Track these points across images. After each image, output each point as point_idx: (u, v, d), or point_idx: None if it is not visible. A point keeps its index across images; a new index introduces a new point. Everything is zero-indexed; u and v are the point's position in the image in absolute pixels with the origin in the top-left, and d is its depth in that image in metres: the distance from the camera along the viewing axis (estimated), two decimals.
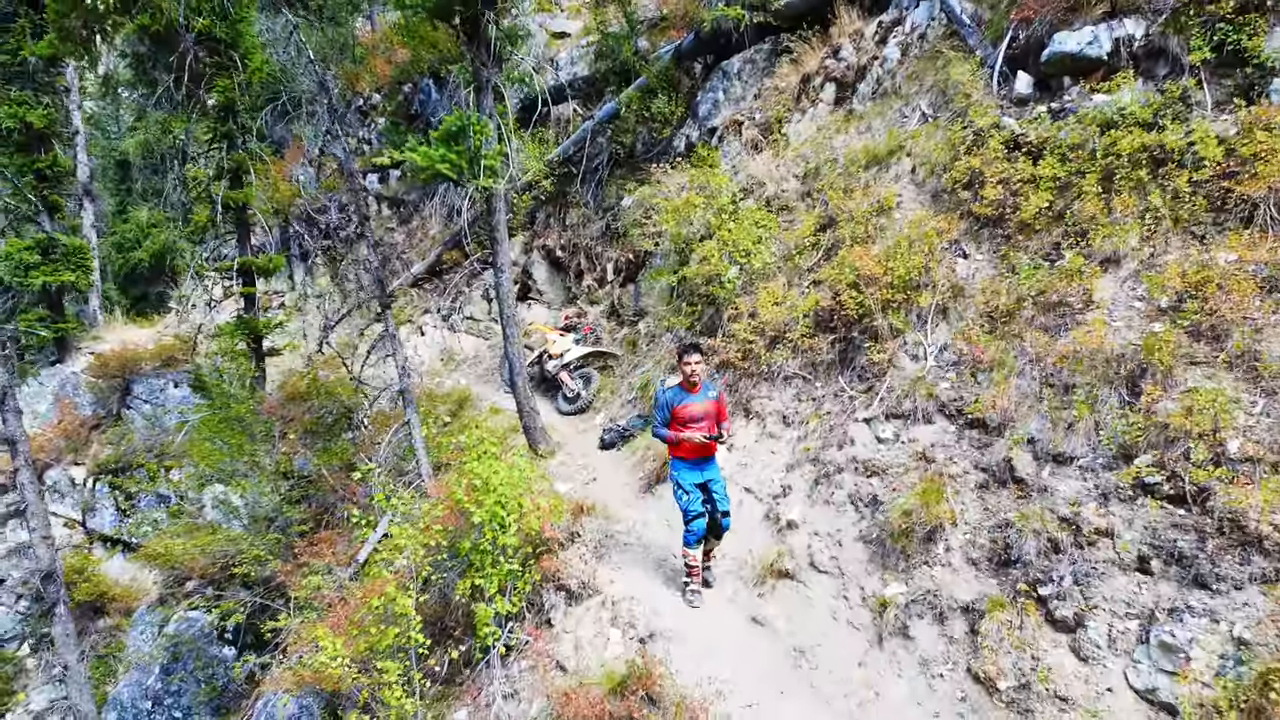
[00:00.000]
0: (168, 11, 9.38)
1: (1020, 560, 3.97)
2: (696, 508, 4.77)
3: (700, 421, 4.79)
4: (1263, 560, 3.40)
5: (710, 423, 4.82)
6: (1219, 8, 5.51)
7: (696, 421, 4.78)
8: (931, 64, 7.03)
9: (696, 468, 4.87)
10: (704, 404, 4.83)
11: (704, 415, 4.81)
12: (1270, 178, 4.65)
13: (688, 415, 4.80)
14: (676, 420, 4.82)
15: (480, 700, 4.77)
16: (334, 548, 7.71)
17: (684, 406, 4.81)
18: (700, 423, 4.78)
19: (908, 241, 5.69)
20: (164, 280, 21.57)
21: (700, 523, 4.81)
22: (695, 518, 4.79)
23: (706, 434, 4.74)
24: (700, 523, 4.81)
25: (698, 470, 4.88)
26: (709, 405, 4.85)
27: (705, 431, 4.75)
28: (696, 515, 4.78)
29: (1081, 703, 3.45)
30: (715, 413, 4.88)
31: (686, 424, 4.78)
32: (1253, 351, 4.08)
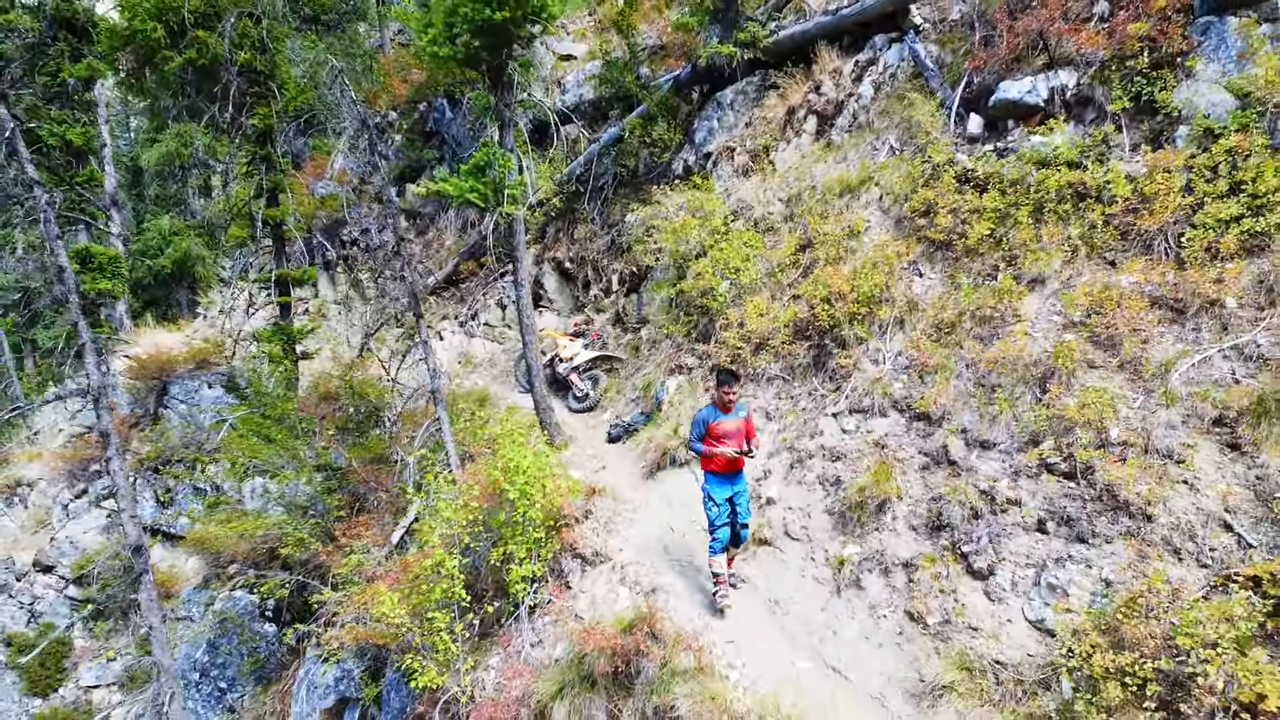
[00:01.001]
0: (213, 47, 10.39)
1: (949, 525, 4.96)
2: (722, 519, 5.31)
3: (731, 438, 5.30)
4: (1128, 520, 4.39)
5: (740, 439, 5.33)
6: (1137, 63, 6.51)
7: (729, 438, 5.29)
8: (900, 102, 8.03)
9: (726, 481, 5.38)
10: (736, 422, 5.35)
11: (735, 432, 5.32)
12: (1165, 214, 5.65)
13: (721, 432, 5.30)
14: (711, 436, 5.31)
15: (511, 648, 5.76)
16: (370, 530, 8.69)
17: (718, 424, 5.31)
18: (731, 439, 5.30)
19: (872, 262, 6.69)
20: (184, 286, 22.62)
21: (724, 532, 5.34)
22: (719, 528, 5.32)
23: (737, 449, 5.26)
24: (724, 532, 5.34)
25: (727, 484, 5.38)
26: (740, 424, 5.37)
27: (736, 446, 5.28)
28: (721, 526, 5.32)
29: (988, 631, 4.44)
30: (745, 431, 5.39)
31: (720, 440, 5.29)
32: (1139, 357, 5.07)
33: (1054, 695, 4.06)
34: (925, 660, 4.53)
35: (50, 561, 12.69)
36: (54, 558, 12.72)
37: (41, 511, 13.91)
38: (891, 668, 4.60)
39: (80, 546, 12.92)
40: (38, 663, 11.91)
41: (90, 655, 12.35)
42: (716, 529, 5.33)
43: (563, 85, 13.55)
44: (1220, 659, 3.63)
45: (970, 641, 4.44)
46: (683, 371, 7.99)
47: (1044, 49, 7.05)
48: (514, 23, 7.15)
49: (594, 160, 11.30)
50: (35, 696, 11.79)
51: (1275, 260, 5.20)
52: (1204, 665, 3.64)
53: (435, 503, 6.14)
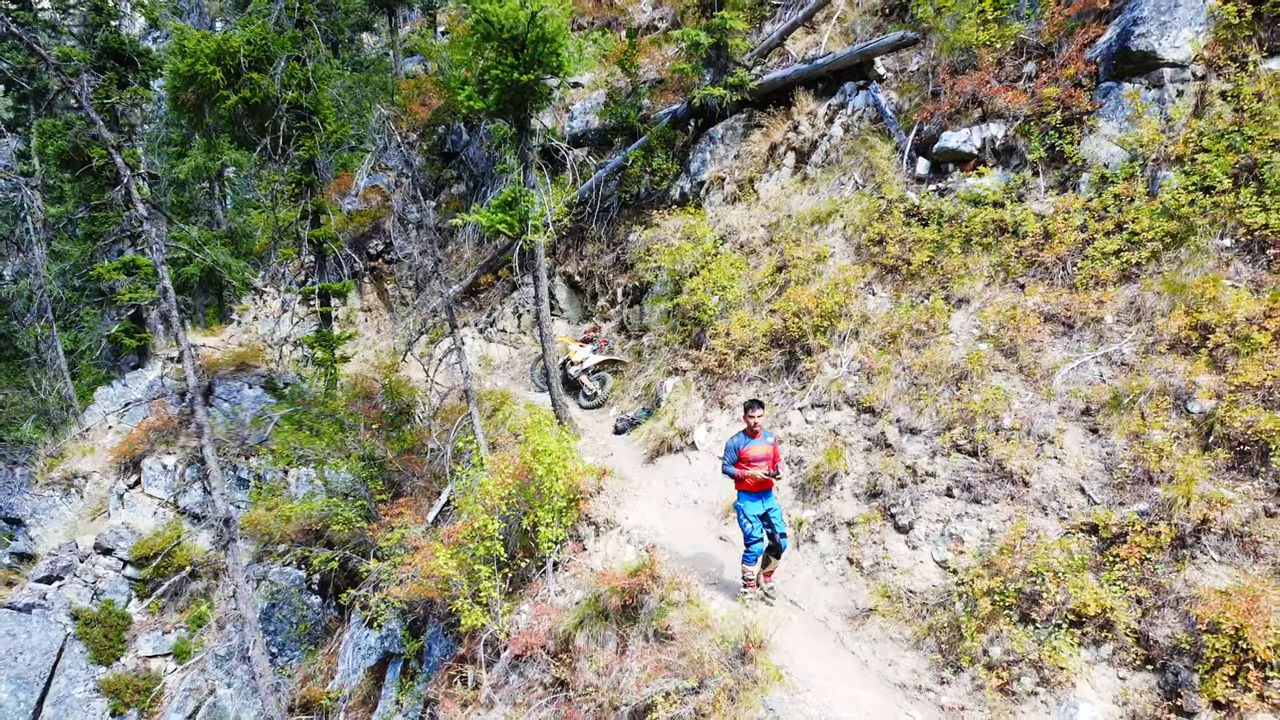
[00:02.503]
0: (265, 87, 11.87)
1: (882, 492, 6.42)
2: (756, 534, 5.90)
3: (761, 461, 5.86)
4: (1011, 486, 5.85)
5: (769, 462, 5.88)
6: (1052, 119, 7.99)
7: (759, 461, 5.85)
8: (863, 144, 9.50)
9: (758, 499, 5.95)
10: (764, 447, 5.93)
11: (764, 457, 5.88)
12: (1062, 247, 7.12)
13: (751, 456, 5.86)
14: (742, 460, 5.88)
15: (539, 596, 7.22)
16: (409, 511, 10.15)
17: (748, 449, 5.89)
18: (761, 462, 5.85)
19: (834, 283, 8.16)
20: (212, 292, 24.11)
21: (759, 546, 5.92)
22: (754, 542, 5.90)
23: (767, 471, 5.82)
24: (759, 546, 5.92)
25: (759, 501, 5.95)
26: (768, 448, 5.94)
27: (766, 469, 5.84)
28: (756, 540, 5.90)
29: (905, 569, 5.90)
30: (773, 455, 5.95)
31: (750, 463, 5.84)
32: (1033, 363, 6.54)
33: (948, 611, 5.52)
34: (859, 593, 5.99)
35: (109, 545, 14.13)
36: (113, 541, 14.17)
37: (96, 501, 15.37)
38: (834, 599, 6.06)
39: (136, 532, 14.38)
40: (101, 634, 13.37)
41: (147, 629, 13.82)
42: (752, 542, 5.93)
43: (570, 112, 15.01)
44: (1060, 581, 5.10)
45: (893, 578, 5.91)
46: (679, 374, 9.45)
47: (979, 105, 8.52)
48: (535, 81, 8.62)
49: (600, 185, 12.77)
50: (100, 665, 13.24)
51: (1144, 286, 6.67)
52: (1049, 586, 5.11)
53: (477, 480, 7.58)
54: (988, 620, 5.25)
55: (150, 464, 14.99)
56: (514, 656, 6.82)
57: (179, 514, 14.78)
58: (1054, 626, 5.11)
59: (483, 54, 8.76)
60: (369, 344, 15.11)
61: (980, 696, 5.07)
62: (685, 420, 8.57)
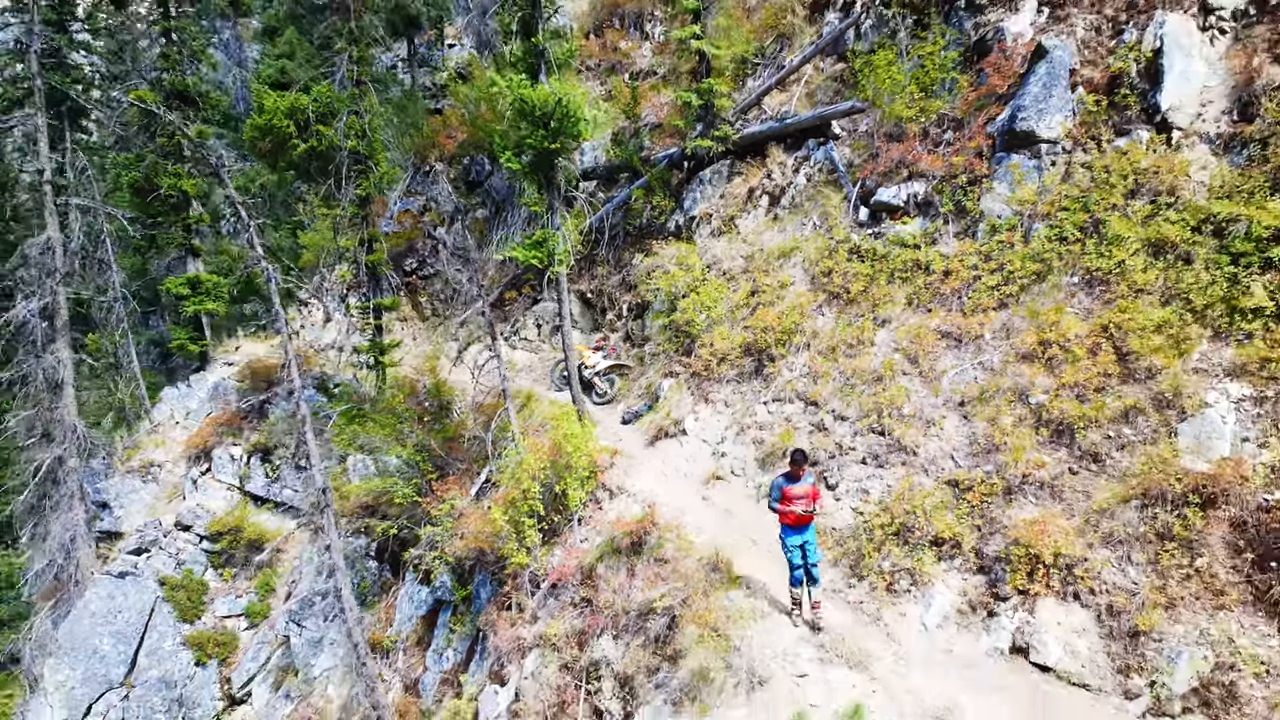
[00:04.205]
0: (329, 137, 14.39)
1: (818, 462, 8.96)
2: (796, 561, 7.07)
3: (801, 499, 7.03)
4: (905, 456, 8.38)
5: (808, 500, 7.04)
6: (959, 180, 10.51)
7: (798, 499, 7.04)
8: (820, 192, 12.04)
9: (798, 532, 7.09)
10: (804, 487, 7.08)
11: (804, 495, 7.04)
12: (958, 281, 9.64)
13: (792, 495, 7.05)
14: (785, 498, 7.05)
15: (568, 543, 9.74)
16: (456, 486, 12.65)
17: (789, 489, 7.06)
18: (801, 500, 7.02)
19: (793, 306, 10.69)
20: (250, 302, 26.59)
21: (799, 573, 7.05)
22: (796, 569, 7.07)
23: (806, 507, 7.01)
24: (799, 573, 7.05)
25: (799, 534, 7.09)
26: (808, 488, 7.09)
27: (805, 505, 7.02)
28: (797, 568, 7.06)
29: (831, 513, 8.43)
30: (811, 494, 7.09)
31: (791, 501, 7.05)
32: (929, 369, 9.07)
33: (856, 540, 8.05)
34: None
35: (188, 522, 16.67)
36: (190, 519, 16.71)
37: (170, 486, 17.90)
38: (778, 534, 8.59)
39: (209, 511, 16.91)
40: (185, 597, 15.90)
41: (222, 594, 16.35)
42: (795, 569, 7.10)
43: (581, 149, 17.54)
44: (928, 517, 7.63)
45: (822, 520, 8.44)
46: (673, 376, 11.99)
47: (906, 167, 11.06)
48: (561, 149, 11.14)
49: (608, 216, 15.31)
50: (184, 623, 15.76)
51: (1013, 312, 9.19)
52: (921, 520, 7.64)
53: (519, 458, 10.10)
54: (880, 544, 7.78)
55: (219, 454, 17.53)
56: (550, 585, 9.35)
57: (245, 496, 17.32)
58: (922, 546, 7.64)
59: (519, 126, 11.27)
60: (406, 350, 17.61)
61: (874, 594, 7.61)
62: (678, 413, 11.11)
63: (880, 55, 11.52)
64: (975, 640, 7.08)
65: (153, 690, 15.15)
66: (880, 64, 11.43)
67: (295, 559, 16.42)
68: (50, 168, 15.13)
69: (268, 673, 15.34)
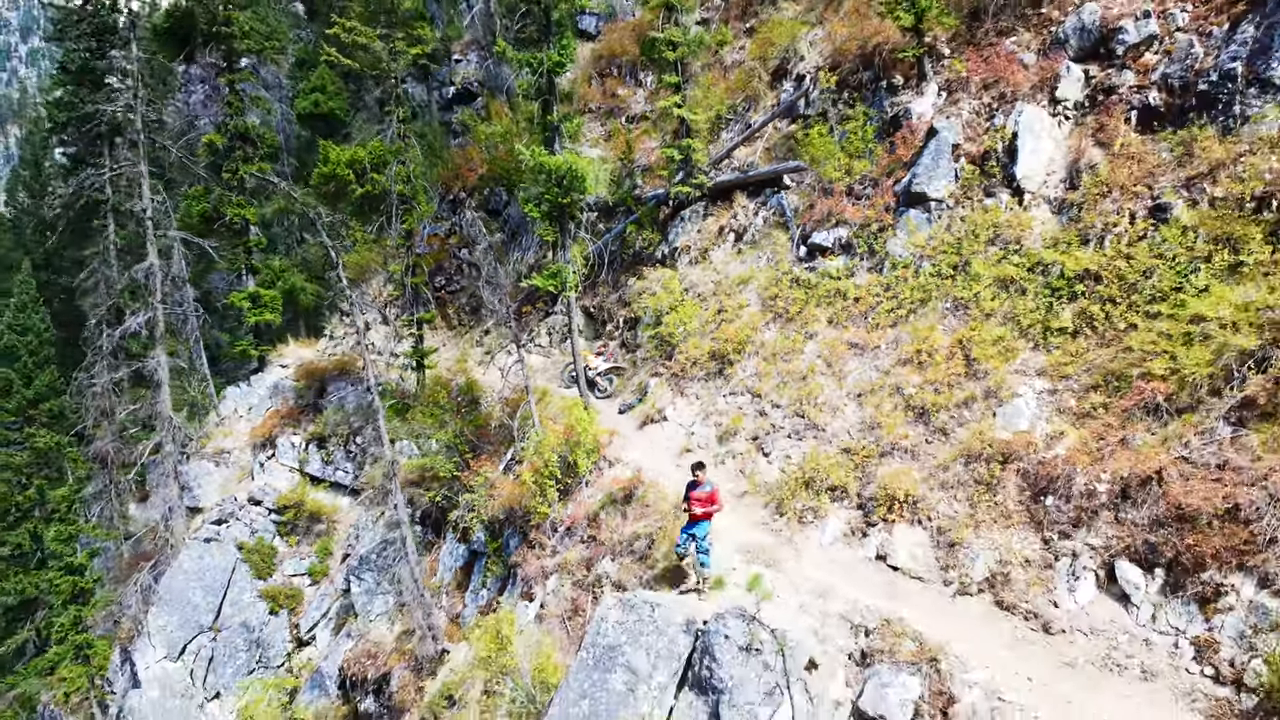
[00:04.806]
0: (381, 183, 17.98)
1: (757, 436, 12.56)
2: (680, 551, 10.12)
3: (700, 500, 9.79)
4: (817, 431, 11.98)
5: (705, 502, 9.79)
6: (872, 228, 14.10)
7: (698, 500, 9.80)
8: (772, 232, 15.64)
9: (689, 528, 9.96)
10: (704, 492, 9.84)
11: (703, 498, 9.82)
12: (865, 306, 13.24)
13: (694, 497, 9.83)
14: (687, 499, 9.97)
15: (577, 499, 13.32)
16: (489, 463, 16.20)
17: (693, 491, 9.91)
18: (699, 501, 9.79)
19: (747, 324, 14.29)
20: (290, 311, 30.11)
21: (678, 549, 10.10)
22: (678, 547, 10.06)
23: (702, 508, 9.80)
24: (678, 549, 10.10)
25: (689, 529, 9.96)
26: (707, 493, 9.84)
27: (701, 506, 9.81)
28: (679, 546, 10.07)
29: (763, 473, 12.02)
30: (709, 497, 9.82)
31: (692, 502, 9.86)
32: (839, 369, 12.67)
33: (780, 491, 11.64)
34: (743, 484, 12.12)
35: (259, 498, 20.25)
36: (260, 495, 20.30)
37: (239, 469, 21.47)
38: (732, 488, 12.16)
39: (275, 489, 20.49)
40: (259, 559, 19.47)
41: (289, 556, 19.92)
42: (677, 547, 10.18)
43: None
44: (827, 472, 11.23)
45: (758, 477, 12.02)
46: (658, 375, 15.58)
47: (834, 216, 14.65)
48: (571, 202, 14.71)
49: (607, 245, 18.91)
50: (259, 579, 19.33)
51: (902, 329, 12.78)
52: (822, 474, 11.24)
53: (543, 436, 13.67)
54: (795, 492, 11.38)
55: (282, 441, 21.14)
56: (565, 529, 12.95)
57: (304, 477, 20.89)
58: (823, 492, 11.24)
59: (538, 181, 14.85)
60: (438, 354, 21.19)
61: (789, 524, 11.21)
62: (661, 404, 14.70)
63: (816, 129, 15.15)
64: (853, 552, 10.68)
65: (235, 634, 18.76)
66: (815, 136, 15.05)
67: (349, 529, 19.99)
68: (151, 206, 18.70)
69: (329, 620, 18.95)
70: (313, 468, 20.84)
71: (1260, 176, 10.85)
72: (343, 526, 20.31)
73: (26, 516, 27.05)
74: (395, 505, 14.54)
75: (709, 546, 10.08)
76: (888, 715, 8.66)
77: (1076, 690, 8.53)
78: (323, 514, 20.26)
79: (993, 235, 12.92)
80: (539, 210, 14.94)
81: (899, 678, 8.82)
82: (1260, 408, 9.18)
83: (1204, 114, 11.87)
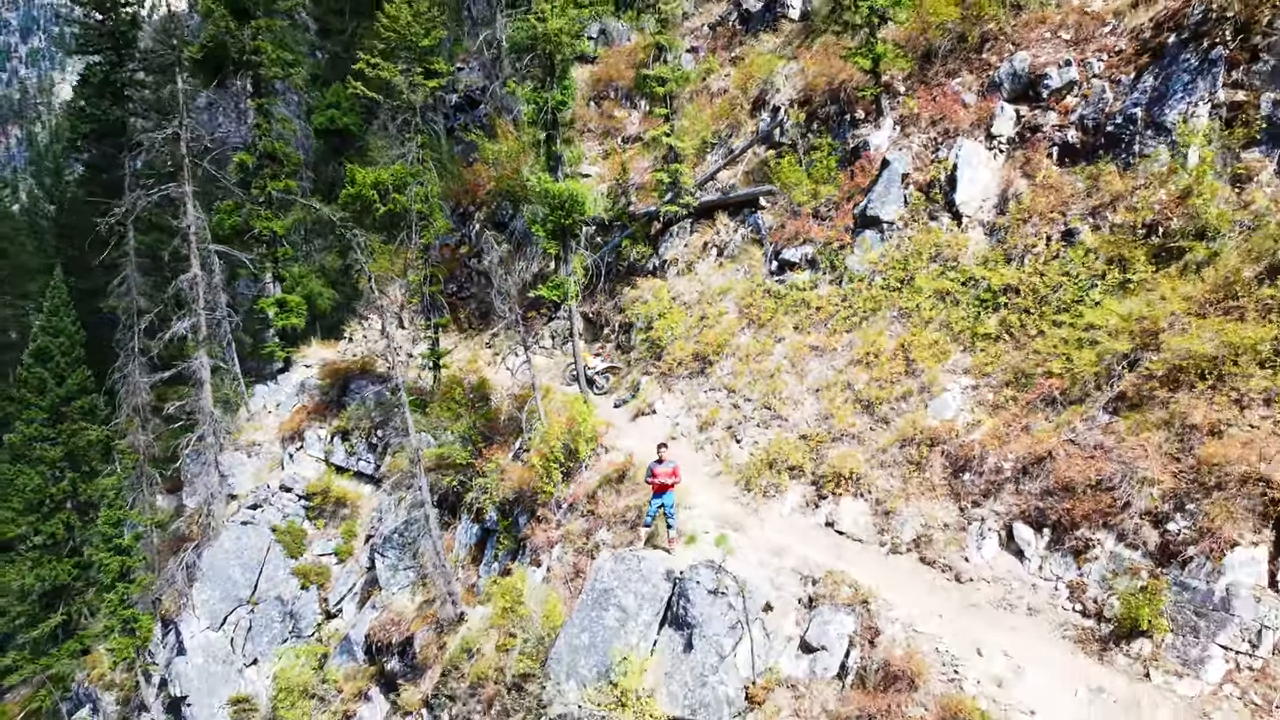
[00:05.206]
0: (402, 202, 20.23)
1: (732, 426, 14.85)
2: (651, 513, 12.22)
3: (663, 475, 11.91)
4: (781, 420, 14.28)
5: (668, 475, 11.95)
6: (833, 246, 16.38)
7: (662, 474, 11.91)
8: (749, 248, 17.93)
9: (658, 496, 12.05)
10: (666, 468, 11.91)
11: (666, 473, 11.94)
12: (825, 315, 15.52)
13: (657, 473, 11.93)
14: (653, 474, 11.97)
15: (578, 480, 15.60)
16: (500, 451, 18.47)
17: (656, 468, 11.95)
18: (663, 475, 11.90)
19: (726, 329, 16.59)
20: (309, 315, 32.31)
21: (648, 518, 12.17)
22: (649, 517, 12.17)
23: (667, 479, 11.94)
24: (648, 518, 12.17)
25: (658, 498, 12.05)
26: (669, 469, 11.96)
27: (666, 478, 11.93)
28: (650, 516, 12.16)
29: (736, 455, 14.31)
30: (672, 473, 11.99)
31: (656, 476, 11.92)
32: (802, 369, 14.96)
33: (749, 470, 13.92)
34: (718, 465, 14.42)
35: (290, 485, 22.54)
36: (291, 483, 22.58)
37: (269, 460, 23.75)
38: (708, 469, 14.47)
39: (304, 477, 22.76)
40: (290, 540, 21.75)
41: (317, 538, 22.19)
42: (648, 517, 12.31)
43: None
44: (787, 454, 13.53)
45: (731, 459, 14.31)
46: (649, 374, 17.87)
47: (800, 235, 16.93)
48: (573, 223, 16.98)
49: (604, 258, 21.18)
50: (291, 558, 21.61)
51: (856, 334, 15.06)
52: (783, 455, 13.54)
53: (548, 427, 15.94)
54: (761, 471, 13.67)
55: (309, 434, 23.44)
56: (568, 505, 15.23)
57: (330, 467, 23.17)
58: (783, 471, 13.52)
59: (543, 205, 17.10)
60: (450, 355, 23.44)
61: (755, 498, 13.50)
62: (650, 399, 16.99)
63: (787, 159, 17.45)
64: (806, 520, 12.97)
65: (271, 606, 21.06)
66: (786, 165, 17.34)
67: (371, 513, 22.27)
68: (196, 223, 20.97)
69: (354, 594, 21.24)
70: (337, 458, 23.12)
71: (1150, 207, 13.14)
72: (365, 511, 22.59)
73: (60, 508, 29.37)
74: (420, 487, 16.80)
75: (674, 511, 12.47)
76: (828, 646, 10.96)
77: (976, 624, 10.81)
78: (347, 500, 22.54)
79: (934, 253, 15.21)
80: (544, 229, 17.22)
81: (838, 616, 11.11)
82: (1129, 399, 11.48)
83: (1110, 151, 14.16)
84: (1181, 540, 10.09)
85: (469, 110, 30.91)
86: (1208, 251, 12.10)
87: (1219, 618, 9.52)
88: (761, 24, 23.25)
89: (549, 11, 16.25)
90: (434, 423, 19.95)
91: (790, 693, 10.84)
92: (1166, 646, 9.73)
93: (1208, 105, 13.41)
